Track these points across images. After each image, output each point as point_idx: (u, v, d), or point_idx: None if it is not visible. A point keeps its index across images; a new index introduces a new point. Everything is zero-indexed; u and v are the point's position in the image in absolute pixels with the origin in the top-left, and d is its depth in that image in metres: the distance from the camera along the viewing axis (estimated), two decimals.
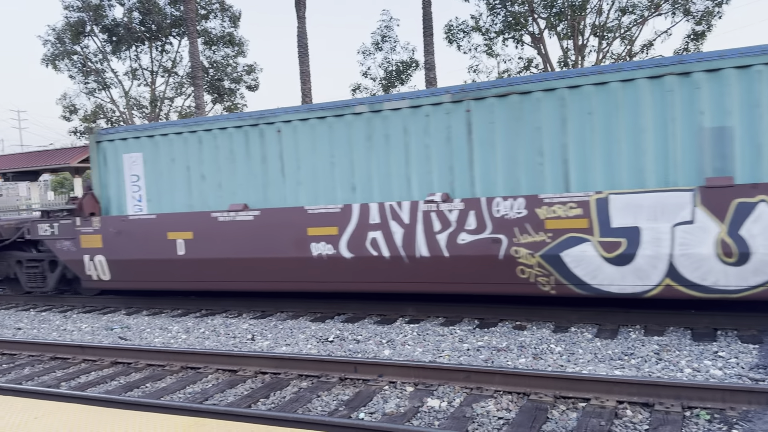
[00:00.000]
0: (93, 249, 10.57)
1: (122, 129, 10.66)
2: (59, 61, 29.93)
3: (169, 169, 10.19)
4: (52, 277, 11.80)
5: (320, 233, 8.88)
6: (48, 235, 11.02)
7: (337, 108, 8.96)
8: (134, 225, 10.18)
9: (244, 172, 9.65)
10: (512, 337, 7.63)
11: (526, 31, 26.16)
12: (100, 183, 10.78)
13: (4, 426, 4.28)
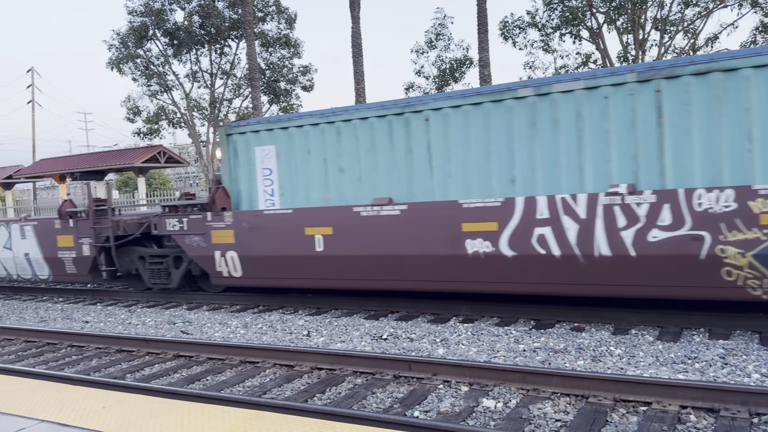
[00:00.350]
0: (224, 245, 10.33)
1: (254, 121, 10.36)
2: (123, 64, 31.07)
3: (305, 161, 9.80)
4: (177, 273, 11.52)
5: (477, 229, 8.28)
6: (176, 231, 10.84)
7: (496, 92, 8.30)
8: (269, 220, 9.87)
9: (386, 164, 9.17)
10: (570, 338, 7.49)
11: (584, 26, 25.58)
12: (230, 177, 10.50)
13: (75, 415, 4.49)
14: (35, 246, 12.93)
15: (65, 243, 12.43)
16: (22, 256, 13.24)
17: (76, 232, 12.23)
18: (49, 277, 12.91)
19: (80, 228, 12.18)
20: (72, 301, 12.81)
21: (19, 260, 13.37)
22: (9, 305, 12.91)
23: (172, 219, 10.86)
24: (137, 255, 12.04)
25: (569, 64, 26.59)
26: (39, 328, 9.45)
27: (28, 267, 13.26)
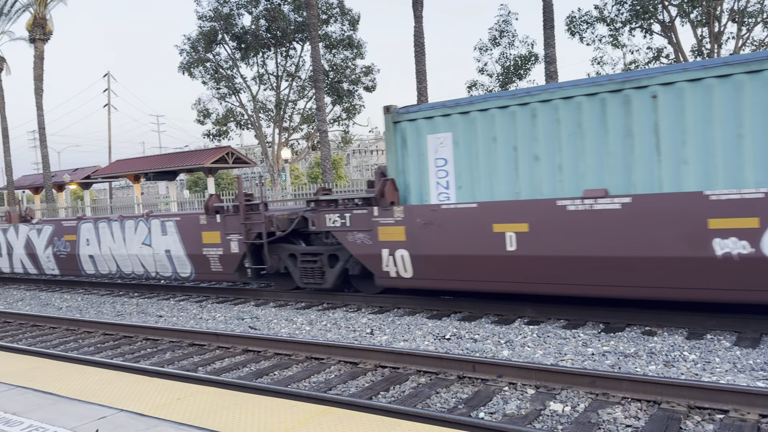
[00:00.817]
0: (393, 242, 9.41)
1: (427, 106, 9.42)
2: (194, 68, 32.12)
3: (489, 150, 8.76)
4: (332, 272, 10.79)
5: (730, 226, 6.97)
6: (337, 227, 10.09)
7: (753, 62, 7.00)
8: (448, 215, 8.87)
9: (596, 150, 7.99)
10: (641, 342, 7.26)
11: (655, 20, 24.69)
12: (396, 168, 9.63)
13: (151, 405, 4.69)
14: (177, 242, 12.45)
15: (211, 239, 11.91)
16: (163, 253, 12.77)
17: (223, 228, 11.70)
18: (191, 275, 12.49)
19: (228, 224, 11.63)
20: (146, 296, 13.36)
21: (159, 257, 12.88)
22: (88, 299, 13.60)
23: (333, 214, 10.11)
24: (287, 253, 11.36)
25: (639, 59, 25.73)
26: (116, 321, 9.91)
27: (169, 264, 12.77)
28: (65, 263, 14.88)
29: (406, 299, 10.25)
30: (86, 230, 14.20)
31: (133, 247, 13.26)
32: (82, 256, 14.38)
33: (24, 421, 4.41)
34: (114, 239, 13.67)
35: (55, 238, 14.91)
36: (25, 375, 5.79)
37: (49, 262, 15.27)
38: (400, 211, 9.36)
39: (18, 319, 11.31)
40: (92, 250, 14.12)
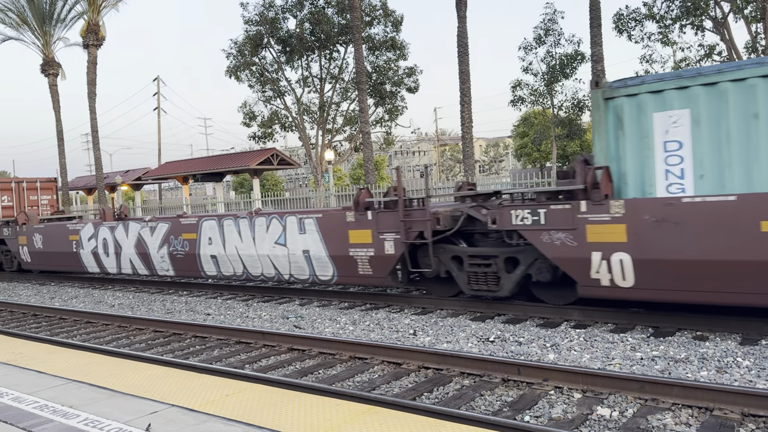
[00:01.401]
0: (609, 244, 7.85)
1: (653, 78, 8.02)
2: (240, 72, 32.75)
3: (747, 130, 7.23)
4: (510, 278, 9.34)
5: None
6: (527, 225, 8.63)
7: None
8: (692, 211, 7.26)
9: None
10: (692, 347, 7.06)
11: (706, 16, 23.98)
12: (607, 154, 8.23)
13: (201, 401, 4.81)
14: (318, 242, 11.16)
15: (360, 239, 10.58)
16: (300, 254, 11.48)
17: (375, 226, 10.40)
18: (333, 277, 11.14)
19: (382, 221, 10.30)
20: (195, 295, 13.68)
21: (295, 258, 11.60)
22: (139, 297, 14.00)
23: (522, 210, 8.64)
24: (450, 254, 9.96)
25: (690, 57, 25.03)
26: (166, 319, 10.18)
27: (306, 266, 11.47)
28: (183, 264, 13.70)
29: (448, 301, 10.22)
30: (209, 228, 12.98)
31: (264, 246, 12.04)
32: (203, 256, 13.17)
33: (80, 414, 4.58)
34: (242, 238, 12.41)
35: (172, 236, 13.72)
36: (80, 370, 6.01)
37: (162, 263, 14.11)
38: (619, 205, 7.76)
39: (72, 316, 11.73)
40: (215, 250, 12.94)
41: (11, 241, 18.61)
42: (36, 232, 17.42)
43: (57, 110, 37.89)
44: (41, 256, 17.54)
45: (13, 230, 18.38)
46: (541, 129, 33.99)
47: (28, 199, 21.38)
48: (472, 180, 21.22)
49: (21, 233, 18.01)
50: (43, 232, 17.18)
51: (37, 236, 17.37)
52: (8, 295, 16.14)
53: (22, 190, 21.29)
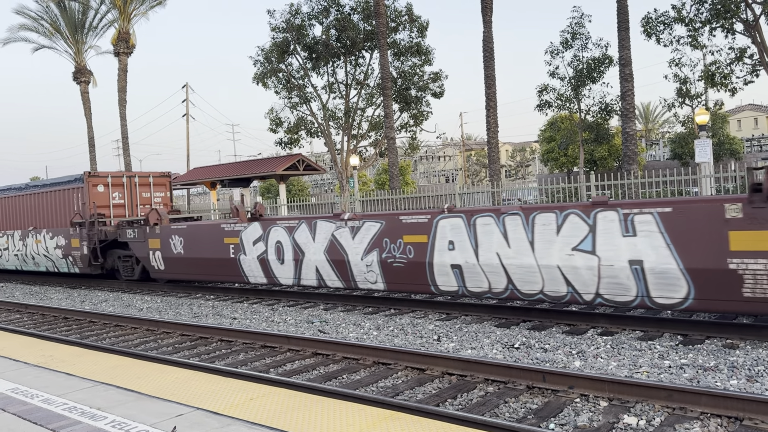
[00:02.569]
0: None
1: None
2: (267, 78, 33.07)
3: None
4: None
5: None
6: None
7: None
8: None
9: None
10: (722, 356, 6.92)
11: (737, 19, 23.53)
12: None
13: (226, 404, 4.85)
14: (662, 248, 7.85)
15: (757, 244, 7.21)
16: (622, 265, 8.16)
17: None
18: (687, 301, 7.73)
19: None
20: (221, 299, 13.82)
21: (611, 271, 8.26)
22: (167, 301, 14.19)
23: None
24: None
25: (721, 60, 24.57)
26: (193, 323, 10.30)
27: (633, 283, 8.10)
28: (402, 275, 10.58)
29: (473, 306, 10.17)
30: (448, 228, 9.88)
31: (553, 254, 8.76)
32: (438, 265, 10.00)
33: (108, 416, 4.65)
34: (509, 242, 9.21)
35: (386, 239, 10.69)
36: (108, 373, 6.11)
37: (368, 273, 11.00)
38: None
39: (102, 319, 11.94)
40: (458, 257, 9.76)
41: (138, 246, 15.59)
42: (175, 233, 14.35)
43: (88, 117, 38.69)
44: (180, 264, 14.38)
45: (140, 232, 15.35)
46: (568, 133, 33.69)
47: (140, 197, 18.65)
48: (498, 185, 21.10)
49: (153, 235, 14.95)
50: (186, 233, 14.14)
51: (177, 239, 14.27)
52: (40, 298, 16.50)
53: (134, 185, 18.51)
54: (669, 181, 18.40)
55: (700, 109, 21.78)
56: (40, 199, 19.17)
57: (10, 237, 20.29)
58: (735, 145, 36.46)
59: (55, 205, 18.59)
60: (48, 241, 18.69)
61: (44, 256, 18.88)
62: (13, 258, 20.33)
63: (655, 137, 68.54)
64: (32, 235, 19.35)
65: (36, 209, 19.34)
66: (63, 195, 18.30)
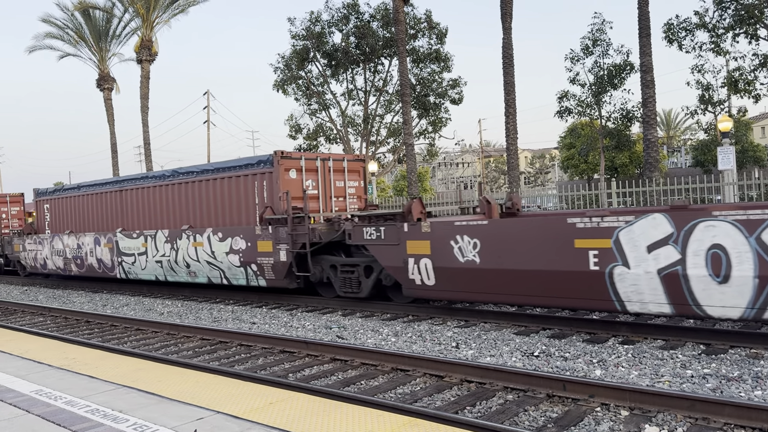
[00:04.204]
0: None
1: None
2: (287, 85, 33.33)
3: None
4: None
5: None
6: None
7: None
8: None
9: None
10: (746, 366, 6.81)
11: (761, 25, 23.24)
12: None
13: (245, 409, 4.89)
14: None
15: None
16: None
17: None
18: None
19: None
20: (241, 304, 13.91)
21: None
22: (187, 305, 14.32)
23: None
24: None
25: (744, 66, 24.27)
26: (213, 327, 10.37)
27: None
28: None
29: (492, 313, 10.12)
30: None
31: None
32: None
33: (129, 418, 4.71)
34: None
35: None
36: (130, 376, 6.18)
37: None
38: None
39: (123, 323, 12.08)
40: None
41: (384, 251, 10.87)
42: (464, 233, 9.74)
43: (111, 123, 39.25)
44: (473, 277, 9.74)
45: (391, 232, 10.73)
46: (589, 140, 33.44)
47: (334, 186, 14.39)
48: (517, 192, 21.00)
49: (417, 235, 10.36)
50: (489, 233, 9.50)
51: (466, 241, 9.69)
52: (63, 302, 16.73)
53: (327, 171, 14.22)
54: (691, 189, 18.19)
55: (723, 116, 21.50)
56: (198, 190, 14.83)
57: (150, 239, 15.83)
58: (759, 153, 35.90)
59: (222, 197, 14.24)
60: (216, 244, 14.11)
61: (207, 264, 14.40)
62: (153, 265, 15.90)
63: (677, 144, 67.77)
64: (187, 236, 14.74)
65: (190, 203, 15.03)
66: (235, 183, 13.94)
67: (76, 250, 18.73)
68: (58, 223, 19.91)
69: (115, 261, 17.16)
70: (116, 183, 17.56)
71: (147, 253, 16.02)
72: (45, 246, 20.20)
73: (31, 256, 21.09)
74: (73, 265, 18.94)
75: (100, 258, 17.78)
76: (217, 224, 14.38)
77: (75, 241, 18.73)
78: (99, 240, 17.77)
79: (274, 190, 13.20)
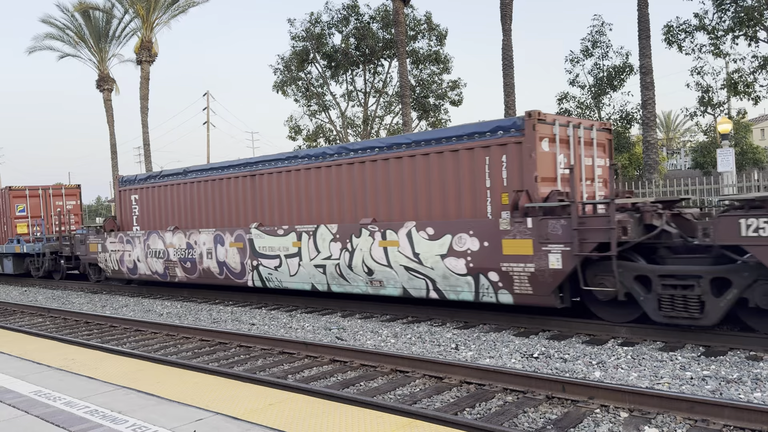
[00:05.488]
0: None
1: None
2: (287, 87, 33.34)
3: None
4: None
5: None
6: None
7: None
8: None
9: None
10: (745, 368, 6.81)
11: (761, 27, 23.27)
12: None
13: (244, 410, 4.88)
14: None
15: None
16: None
17: None
18: None
19: None
20: (240, 305, 13.90)
21: None
22: (187, 306, 14.31)
23: None
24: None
25: (744, 68, 24.29)
26: (212, 328, 10.37)
27: None
28: None
29: (492, 315, 10.12)
30: None
31: None
32: None
33: (128, 419, 4.70)
34: None
35: None
36: (129, 377, 6.18)
37: None
38: None
39: (123, 324, 12.07)
40: None
41: None
42: None
43: (111, 124, 39.25)
44: None
45: None
46: None
47: (584, 163, 10.50)
48: None
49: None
50: None
51: None
52: (62, 303, 16.72)
53: (577, 143, 10.34)
54: (691, 191, 18.20)
55: (722, 118, 21.52)
56: (385, 171, 11.22)
57: (308, 236, 12.15)
58: (758, 155, 35.92)
59: (428, 180, 10.61)
60: (422, 243, 10.35)
61: (405, 270, 10.61)
62: (310, 271, 12.15)
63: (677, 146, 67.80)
64: (370, 232, 11.09)
65: (372, 189, 11.41)
66: (451, 160, 10.32)
67: (184, 251, 14.95)
68: (151, 217, 16.41)
69: (248, 265, 13.35)
70: (246, 166, 13.75)
71: (301, 255, 12.29)
72: (136, 246, 16.39)
73: (114, 257, 17.17)
74: (179, 269, 15.17)
75: (222, 261, 13.94)
76: (421, 217, 10.71)
77: (183, 240, 14.95)
78: (221, 238, 13.98)
79: (524, 168, 9.40)
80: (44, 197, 22.91)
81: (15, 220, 22.34)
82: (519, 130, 9.48)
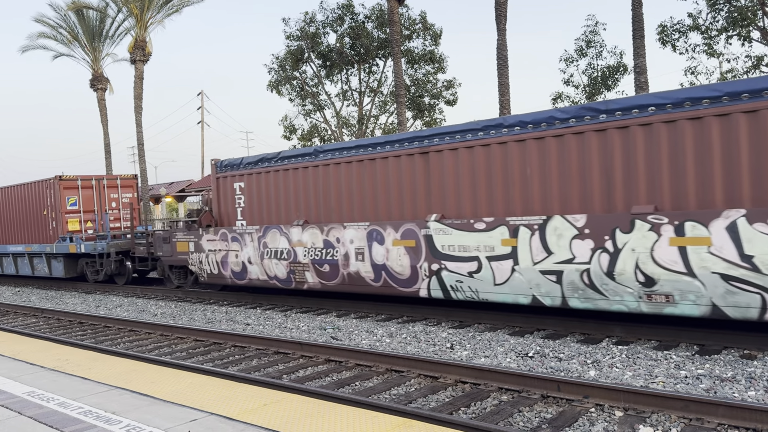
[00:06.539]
0: None
1: None
2: (282, 86, 33.27)
3: None
4: None
5: None
6: None
7: None
8: None
9: None
10: (739, 366, 6.83)
11: (754, 27, 23.36)
12: None
13: (239, 410, 4.86)
14: None
15: None
16: None
17: None
18: None
19: None
20: (235, 305, 13.86)
21: None
22: (181, 307, 14.26)
23: None
24: None
25: (737, 68, 24.39)
26: (206, 328, 10.33)
27: None
28: None
29: (487, 314, 10.12)
30: None
31: None
32: None
33: (122, 420, 4.68)
34: None
35: None
36: (123, 377, 6.15)
37: None
38: None
39: (116, 324, 12.02)
40: None
41: None
42: None
43: (105, 124, 39.09)
44: None
45: None
46: None
47: None
48: None
49: None
50: None
51: None
52: (56, 303, 16.64)
53: None
54: None
55: None
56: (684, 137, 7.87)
57: (528, 231, 9.17)
58: None
59: None
60: (761, 242, 7.16)
61: (720, 279, 7.45)
62: (534, 278, 9.08)
63: None
64: (653, 226, 7.90)
65: (670, 162, 8.04)
66: None
67: (320, 251, 12.11)
68: (264, 209, 13.47)
69: (422, 269, 10.47)
70: (414, 140, 10.85)
71: (516, 257, 9.31)
72: (246, 244, 13.42)
73: (214, 259, 14.16)
74: (311, 274, 12.30)
75: (381, 264, 11.10)
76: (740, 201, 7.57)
77: (319, 237, 12.11)
78: (379, 234, 11.18)
79: None
80: (98, 188, 19.48)
81: (66, 215, 18.67)
82: None
